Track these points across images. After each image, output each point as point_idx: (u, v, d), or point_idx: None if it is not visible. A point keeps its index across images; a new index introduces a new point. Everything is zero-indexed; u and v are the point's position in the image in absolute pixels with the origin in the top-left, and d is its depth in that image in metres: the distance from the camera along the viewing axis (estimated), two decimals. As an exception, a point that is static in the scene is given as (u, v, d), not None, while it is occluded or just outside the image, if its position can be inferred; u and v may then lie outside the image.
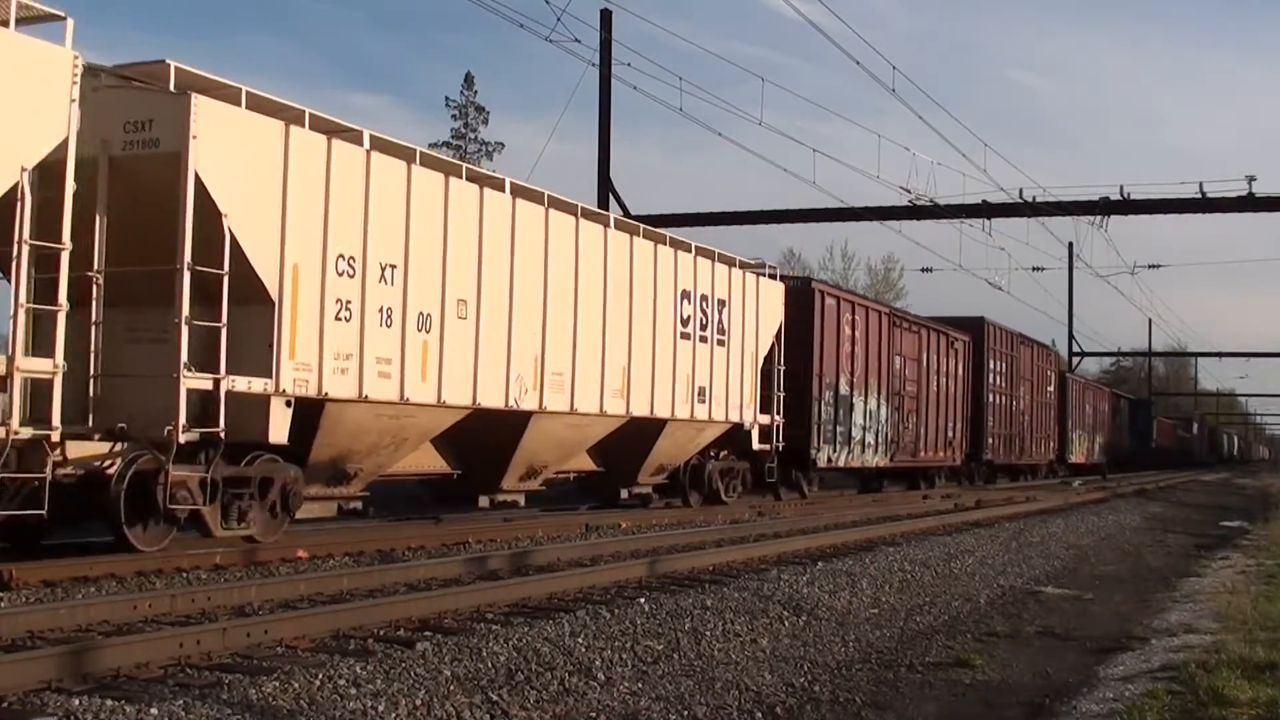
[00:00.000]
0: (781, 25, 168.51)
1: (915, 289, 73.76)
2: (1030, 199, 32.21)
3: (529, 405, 14.68)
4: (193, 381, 10.46)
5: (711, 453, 20.07)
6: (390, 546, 12.75)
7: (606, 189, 27.69)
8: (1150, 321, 76.95)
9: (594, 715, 6.45)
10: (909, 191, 30.39)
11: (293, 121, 11.50)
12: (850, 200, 38.58)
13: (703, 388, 18.50)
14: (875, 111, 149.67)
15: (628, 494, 18.24)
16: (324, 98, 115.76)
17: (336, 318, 11.82)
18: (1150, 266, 54.05)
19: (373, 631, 7.86)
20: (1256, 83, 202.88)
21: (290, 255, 11.32)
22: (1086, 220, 33.85)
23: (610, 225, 16.53)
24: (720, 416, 19.12)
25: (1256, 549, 17.73)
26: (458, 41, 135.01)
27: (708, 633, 8.53)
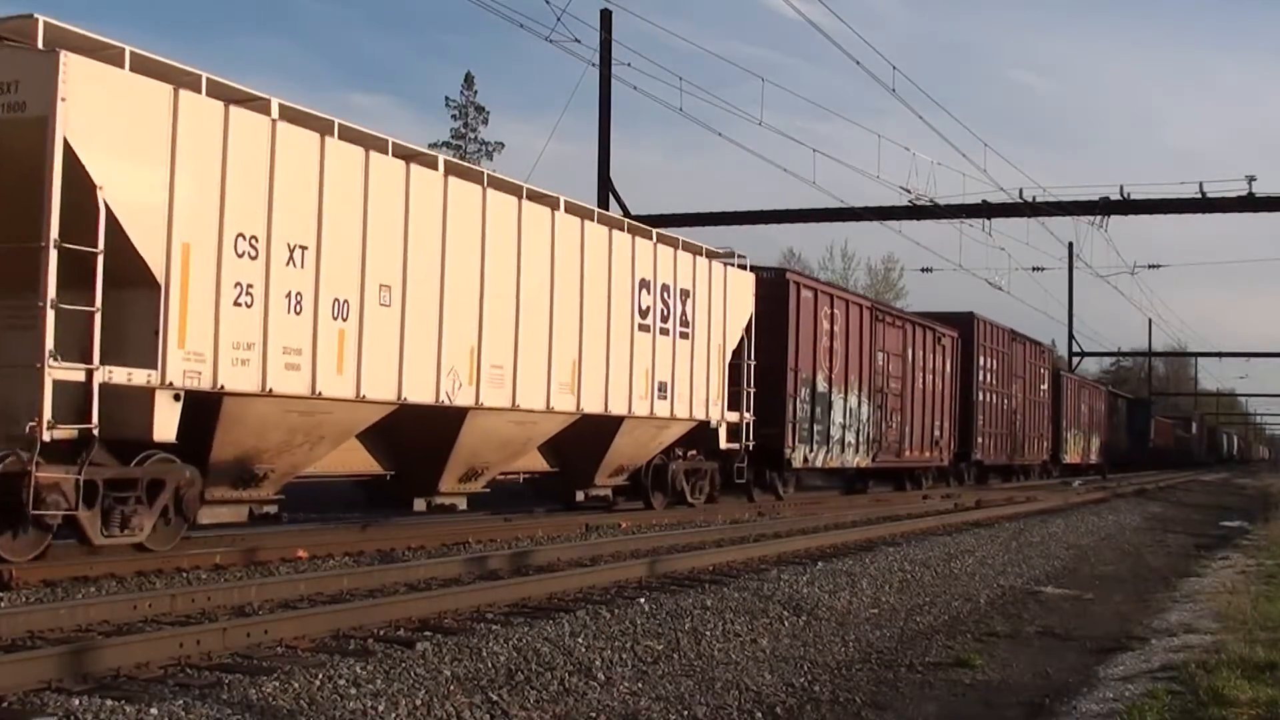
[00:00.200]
0: (781, 25, 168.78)
1: (915, 289, 73.72)
2: (1030, 199, 32.24)
3: (464, 401, 13.56)
4: (60, 372, 9.38)
5: (678, 452, 19.05)
6: (390, 546, 12.77)
7: (606, 189, 27.70)
8: (1150, 321, 77.05)
9: (594, 715, 6.46)
10: (909, 191, 30.44)
11: (186, 86, 10.43)
12: (850, 200, 38.63)
13: (664, 383, 17.39)
14: (875, 111, 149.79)
15: (584, 496, 17.15)
16: (324, 98, 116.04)
17: (235, 303, 10.73)
18: (1150, 266, 54.17)
19: (373, 631, 7.86)
20: (1256, 83, 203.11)
21: (180, 233, 10.26)
22: (1086, 220, 33.91)
23: (560, 208, 15.37)
24: (684, 414, 17.99)
25: (1256, 549, 17.73)
26: (458, 41, 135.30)
27: (708, 633, 8.53)
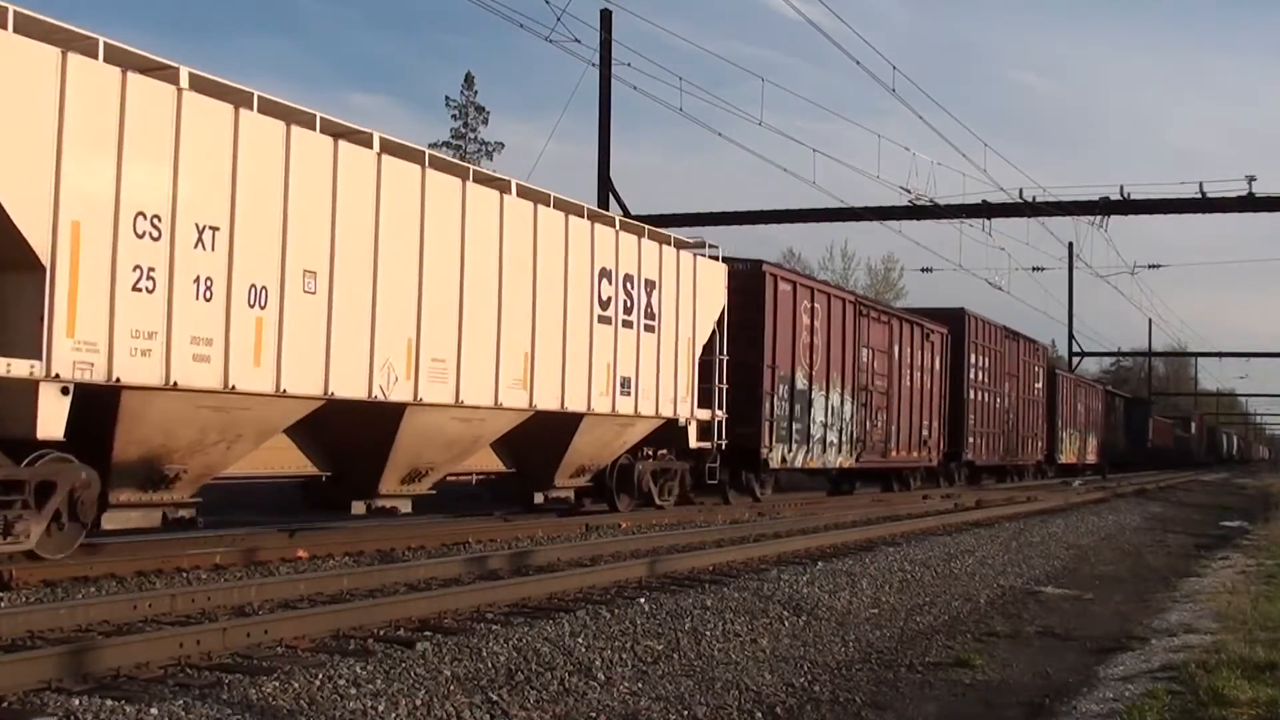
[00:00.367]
0: (781, 25, 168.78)
1: (915, 289, 73.74)
2: (1030, 199, 32.24)
3: (400, 396, 12.61)
4: None
5: (647, 452, 18.20)
6: (390, 546, 12.77)
7: (606, 189, 27.69)
8: (1150, 321, 77.06)
9: (594, 715, 6.46)
10: (909, 191, 30.43)
11: (78, 50, 9.65)
12: (850, 200, 38.62)
13: (627, 378, 16.46)
14: (875, 111, 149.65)
15: (544, 498, 16.24)
16: (324, 97, 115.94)
17: (134, 288, 9.89)
18: (1150, 266, 54.17)
19: (373, 631, 7.86)
20: (1256, 83, 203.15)
21: (68, 211, 9.48)
22: (1086, 220, 33.91)
23: (510, 191, 14.47)
24: (649, 411, 17.07)
25: (1256, 549, 17.73)
26: (458, 41, 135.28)
27: (708, 633, 8.53)
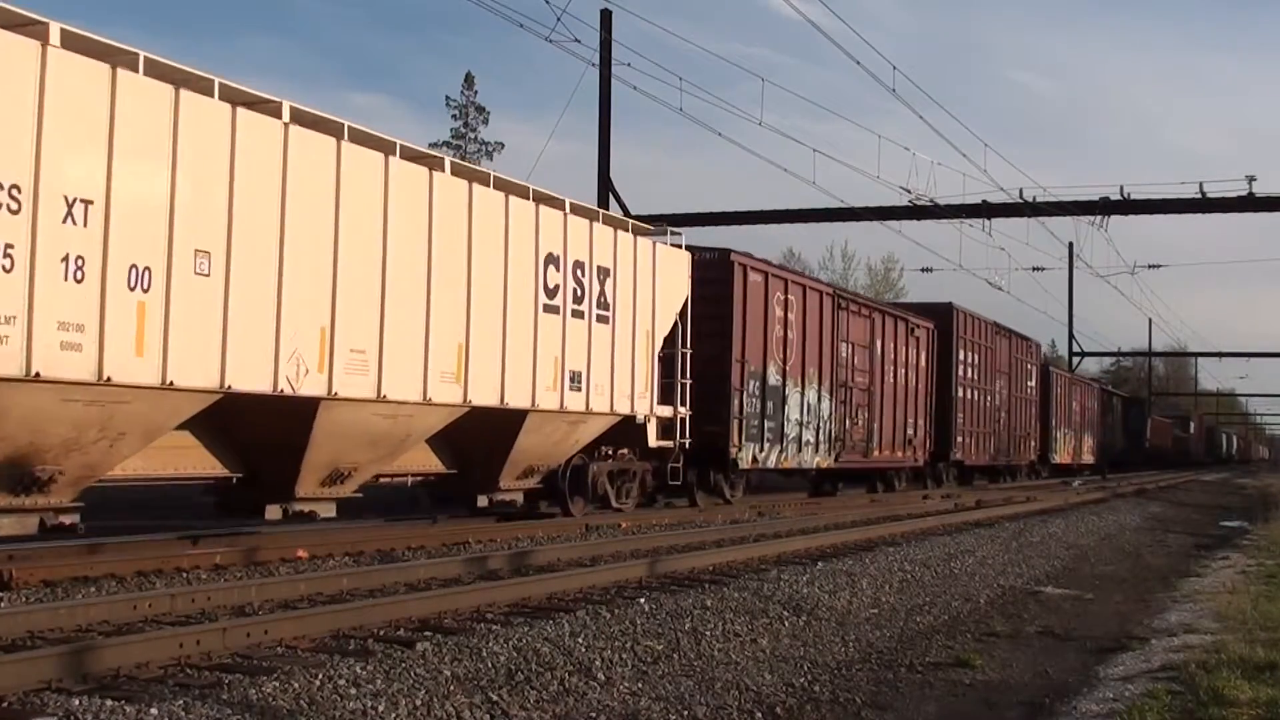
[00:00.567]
0: (781, 25, 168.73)
1: (915, 289, 73.69)
2: (1030, 199, 32.25)
3: (312, 390, 11.47)
4: None
5: (605, 451, 17.16)
6: (390, 546, 12.77)
7: (606, 189, 27.68)
8: (1150, 321, 76.92)
9: (594, 715, 6.46)
10: (909, 191, 30.42)
11: None
12: (850, 200, 38.60)
13: (577, 373, 15.39)
14: (875, 111, 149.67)
15: (488, 501, 15.22)
16: (324, 97, 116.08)
17: None
18: (1150, 266, 54.08)
19: (373, 631, 7.86)
20: (1256, 83, 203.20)
21: None
22: (1086, 220, 33.93)
23: (444, 169, 13.41)
24: (603, 408, 15.98)
25: (1256, 549, 17.73)
26: (458, 41, 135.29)
27: (708, 633, 8.53)
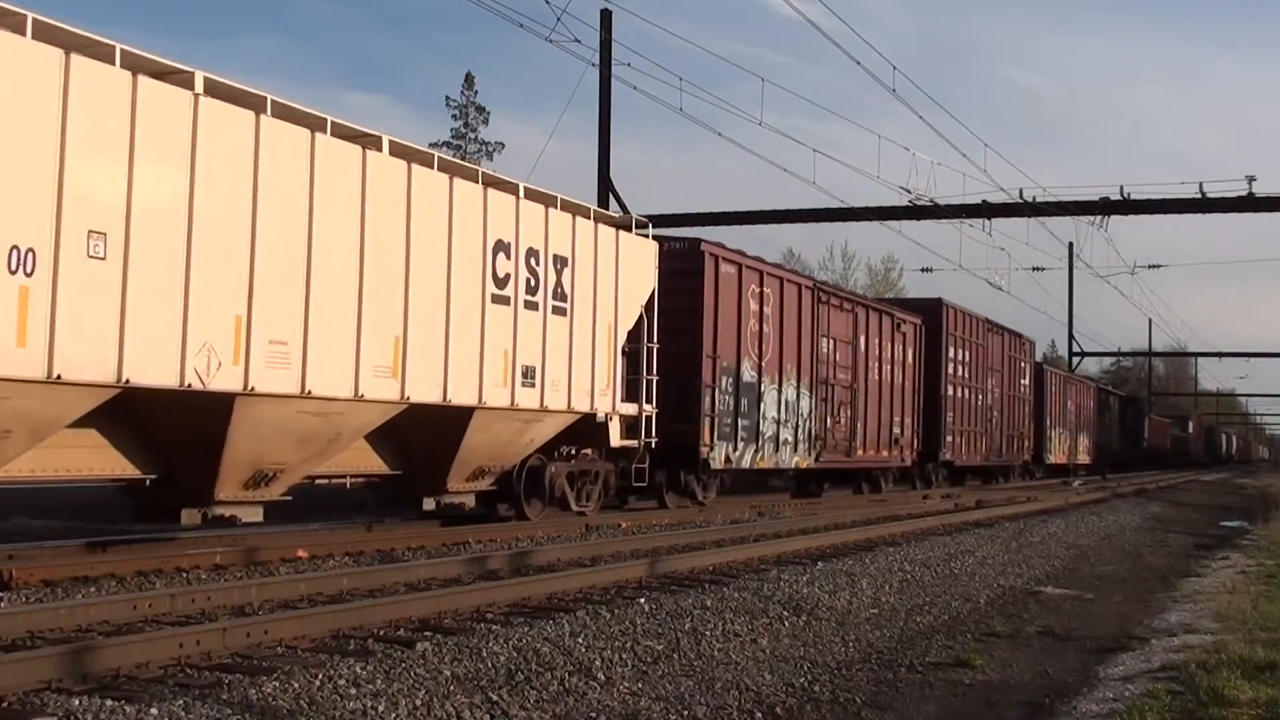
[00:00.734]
0: (781, 25, 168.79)
1: (915, 289, 73.47)
2: (1030, 199, 32.26)
3: (225, 385, 10.59)
4: None
5: (566, 451, 16.27)
6: (390, 546, 12.77)
7: (606, 189, 27.68)
8: (1150, 321, 76.98)
9: (594, 715, 6.46)
10: (909, 191, 30.43)
11: None
12: (850, 200, 38.65)
13: (530, 367, 14.50)
14: (875, 111, 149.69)
15: (436, 504, 14.27)
16: (323, 97, 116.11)
17: None
18: (1150, 266, 54.15)
19: (373, 631, 7.86)
20: (1256, 83, 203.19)
21: None
22: (1086, 220, 33.96)
23: (381, 149, 12.47)
24: (559, 405, 15.07)
25: (1256, 549, 17.73)
26: (458, 41, 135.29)
27: (708, 633, 8.53)
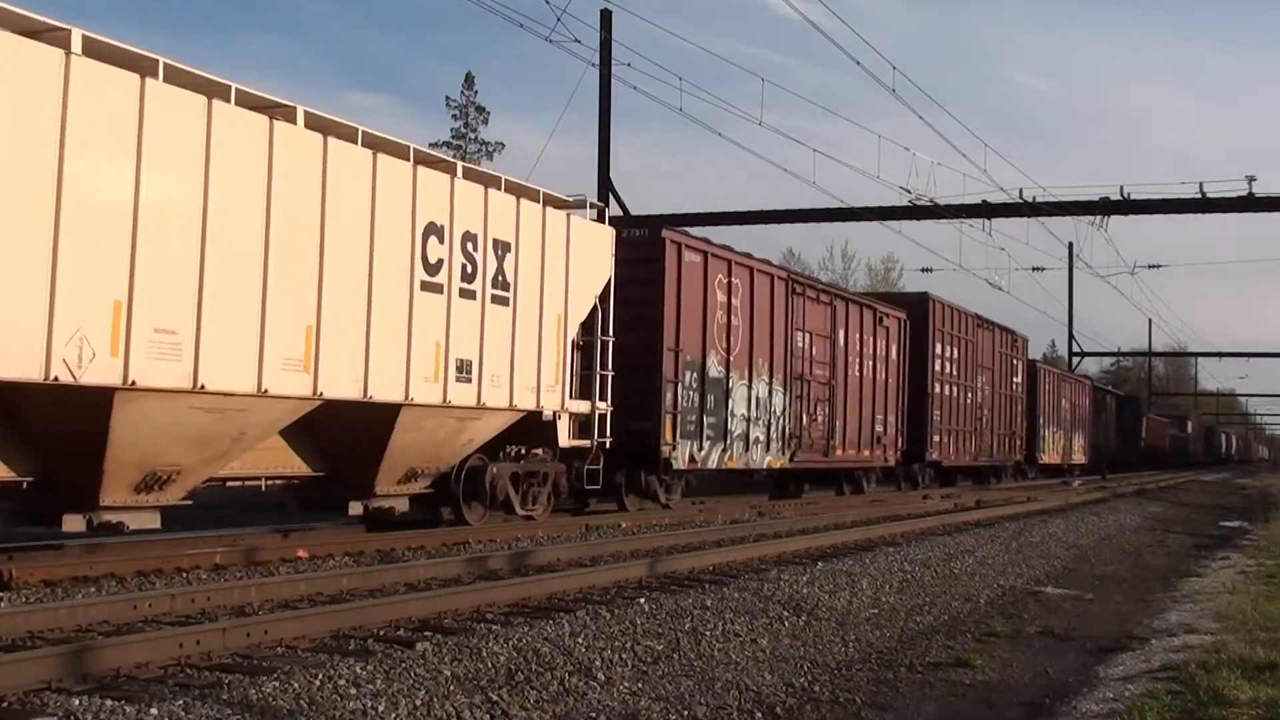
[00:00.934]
0: (781, 25, 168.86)
1: (915, 288, 73.73)
2: (1030, 199, 32.30)
3: (101, 378, 9.54)
4: None
5: (515, 450, 15.19)
6: (390, 546, 12.76)
7: (606, 189, 27.69)
8: (1150, 321, 77.00)
9: (594, 715, 6.46)
10: (909, 191, 30.47)
11: None
12: (850, 200, 38.67)
13: (466, 361, 13.39)
14: (875, 111, 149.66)
15: (364, 508, 13.14)
16: (323, 97, 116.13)
17: None
18: (1150, 266, 54.19)
19: (373, 631, 7.86)
20: (1256, 83, 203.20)
21: None
22: (1086, 220, 34.02)
23: (296, 120, 11.32)
24: (499, 402, 13.98)
25: (1256, 549, 17.73)
26: (458, 41, 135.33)
27: (708, 633, 8.53)
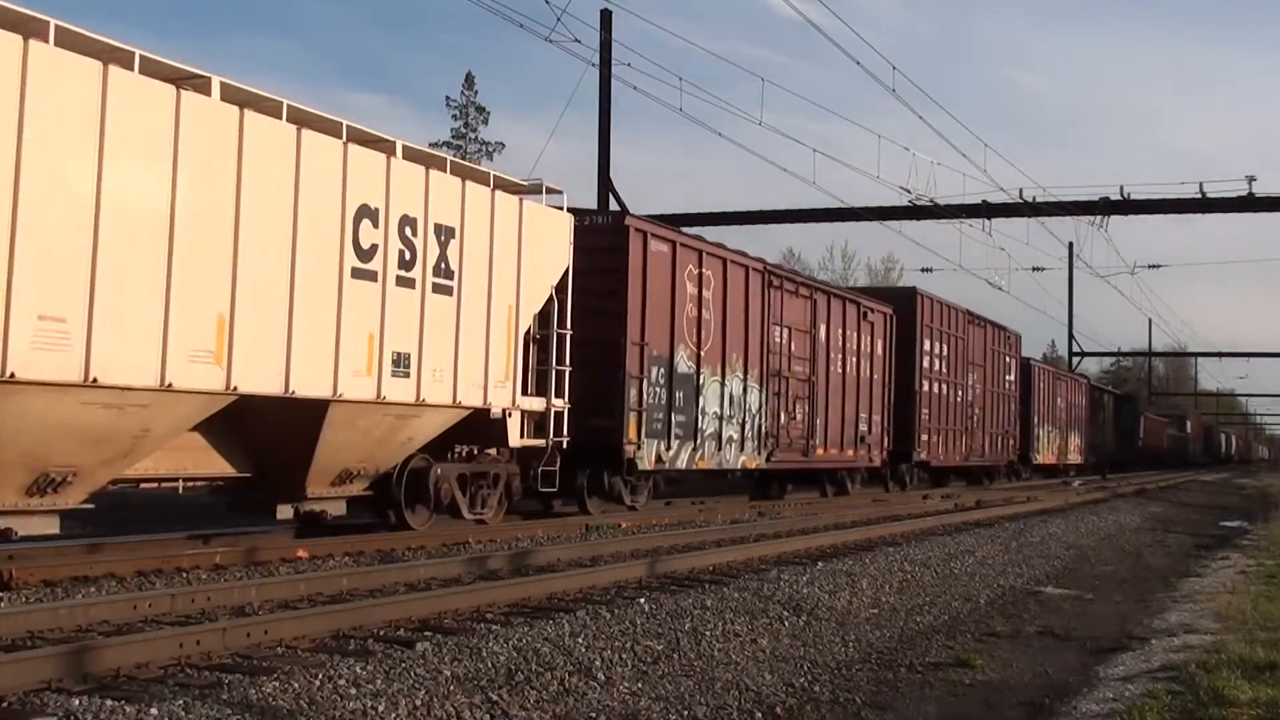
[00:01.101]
0: (781, 25, 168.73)
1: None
2: (1030, 199, 32.32)
3: None
4: None
5: (466, 450, 14.30)
6: (390, 547, 12.76)
7: (606, 189, 27.69)
8: (1150, 321, 76.95)
9: (594, 715, 6.46)
10: (909, 191, 30.49)
11: None
12: (850, 200, 38.70)
13: (403, 354, 12.51)
14: (875, 111, 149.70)
15: (295, 511, 12.29)
16: (324, 97, 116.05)
17: None
18: (1150, 266, 54.18)
19: (373, 631, 7.86)
20: (1256, 83, 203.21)
21: None
22: (1086, 220, 34.07)
23: (211, 92, 10.37)
24: (441, 398, 13.05)
25: (1256, 549, 17.73)
26: (458, 41, 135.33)
27: (708, 633, 8.53)
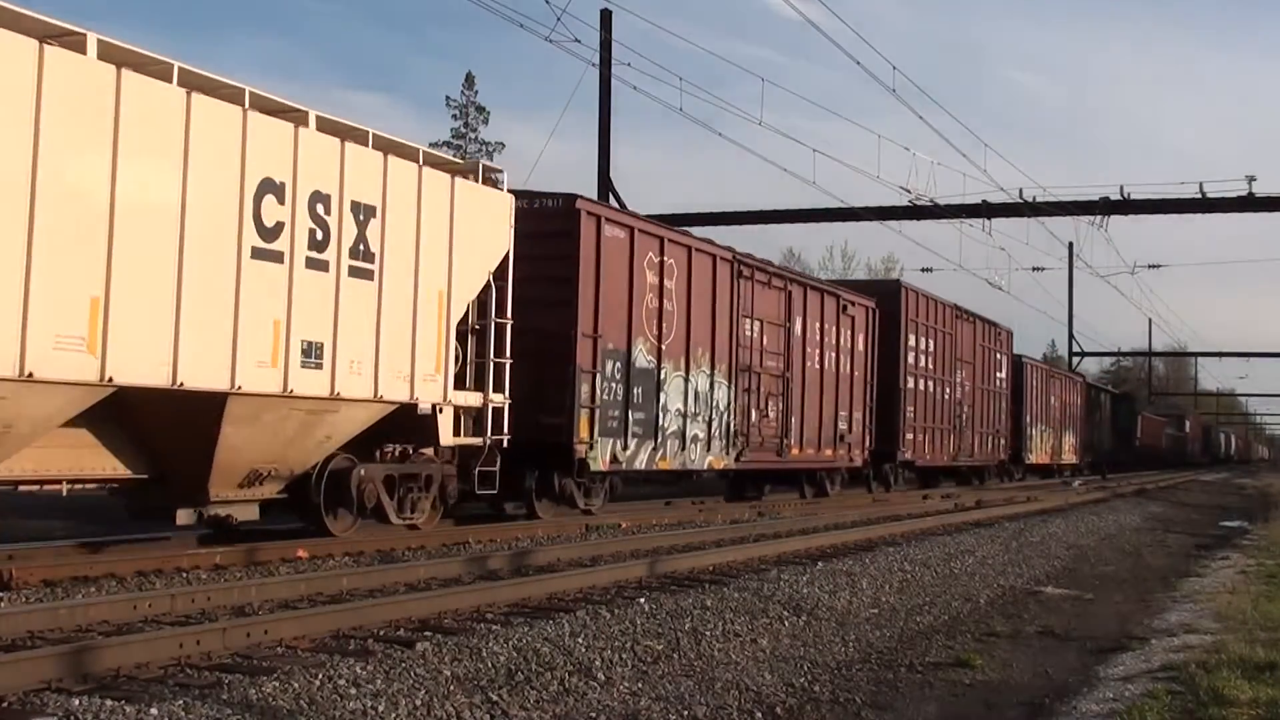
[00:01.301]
0: (781, 25, 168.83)
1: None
2: (1030, 199, 32.31)
3: None
4: None
5: (399, 449, 13.33)
6: (390, 546, 12.76)
7: (606, 188, 27.70)
8: (1150, 321, 76.92)
9: (594, 715, 6.46)
10: (909, 191, 30.47)
11: None
12: (850, 200, 38.67)
13: (315, 344, 11.45)
14: (875, 111, 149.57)
15: (199, 516, 11.20)
16: (324, 97, 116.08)
17: None
18: (1150, 266, 54.14)
19: (373, 631, 7.86)
20: (1256, 83, 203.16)
21: None
22: (1086, 220, 34.06)
23: (87, 50, 9.46)
24: (361, 392, 12.05)
25: (1256, 549, 17.74)
26: (458, 41, 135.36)
27: (708, 633, 8.53)
